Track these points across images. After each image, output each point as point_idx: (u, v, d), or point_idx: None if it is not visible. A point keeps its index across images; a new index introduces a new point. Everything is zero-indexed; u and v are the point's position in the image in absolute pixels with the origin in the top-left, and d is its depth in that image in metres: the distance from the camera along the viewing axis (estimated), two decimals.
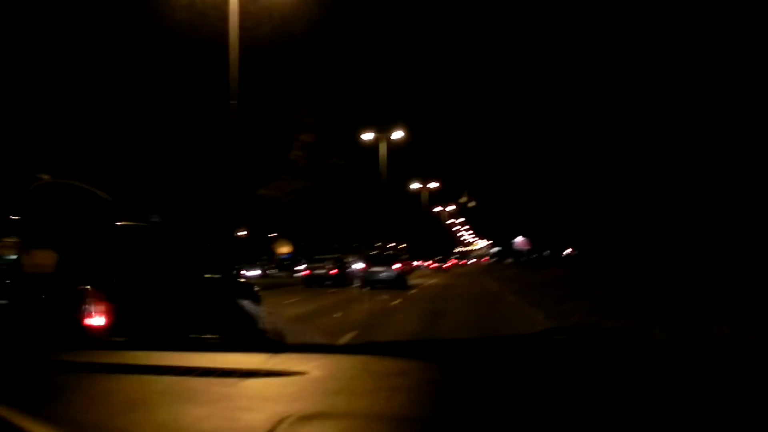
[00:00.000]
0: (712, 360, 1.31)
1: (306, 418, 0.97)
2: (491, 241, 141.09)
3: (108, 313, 4.46)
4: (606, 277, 22.02)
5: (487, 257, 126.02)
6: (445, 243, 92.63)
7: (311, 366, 1.26)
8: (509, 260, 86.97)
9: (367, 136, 38.33)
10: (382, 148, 37.38)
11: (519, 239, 64.09)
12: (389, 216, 41.75)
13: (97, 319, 4.43)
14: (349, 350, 1.55)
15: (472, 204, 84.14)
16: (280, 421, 0.96)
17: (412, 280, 28.72)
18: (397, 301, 17.17)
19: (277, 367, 1.28)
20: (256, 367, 1.29)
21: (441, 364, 1.27)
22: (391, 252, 29.92)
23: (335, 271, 26.66)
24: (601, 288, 16.35)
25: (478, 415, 0.99)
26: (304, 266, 29.71)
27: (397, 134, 38.39)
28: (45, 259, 4.50)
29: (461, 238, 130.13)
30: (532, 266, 54.14)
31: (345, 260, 28.38)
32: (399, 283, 23.93)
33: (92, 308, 4.44)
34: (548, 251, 79.93)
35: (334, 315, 13.64)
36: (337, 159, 34.35)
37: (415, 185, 58.43)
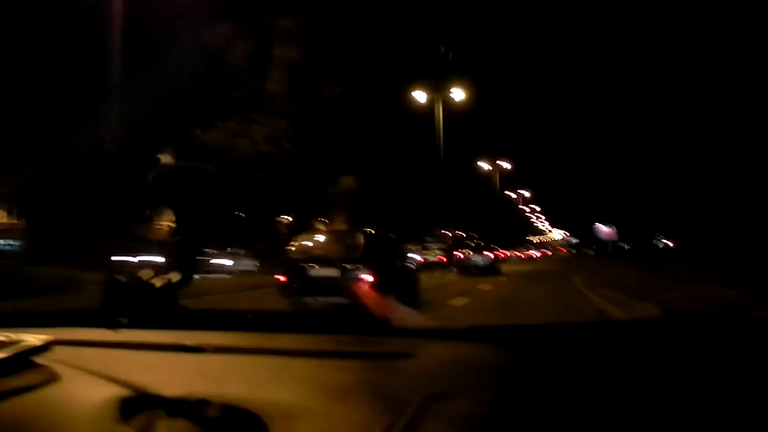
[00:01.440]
0: None
1: (431, 398, 0.99)
2: (567, 232, 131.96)
3: (373, 276, 9.53)
4: None
5: (563, 248, 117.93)
6: (519, 230, 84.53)
7: (418, 349, 1.28)
8: (591, 251, 78.77)
9: (420, 95, 31.50)
10: (438, 110, 30.35)
11: (604, 228, 55.94)
12: (451, 197, 34.96)
13: (369, 278, 9.46)
14: (456, 335, 1.49)
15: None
16: (405, 404, 0.97)
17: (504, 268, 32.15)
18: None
19: (382, 349, 1.31)
20: (363, 349, 1.33)
21: (542, 352, 1.27)
22: (482, 243, 34.08)
23: (444, 259, 33.35)
24: None
25: (579, 403, 1.01)
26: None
27: (458, 94, 31.47)
28: None
29: (535, 226, 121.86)
30: (628, 261, 45.78)
31: (452, 250, 34.16)
32: (492, 270, 28.05)
33: (367, 274, 9.57)
34: (630, 243, 71.38)
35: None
36: (338, 88, 22.04)
37: (482, 165, 51.22)
